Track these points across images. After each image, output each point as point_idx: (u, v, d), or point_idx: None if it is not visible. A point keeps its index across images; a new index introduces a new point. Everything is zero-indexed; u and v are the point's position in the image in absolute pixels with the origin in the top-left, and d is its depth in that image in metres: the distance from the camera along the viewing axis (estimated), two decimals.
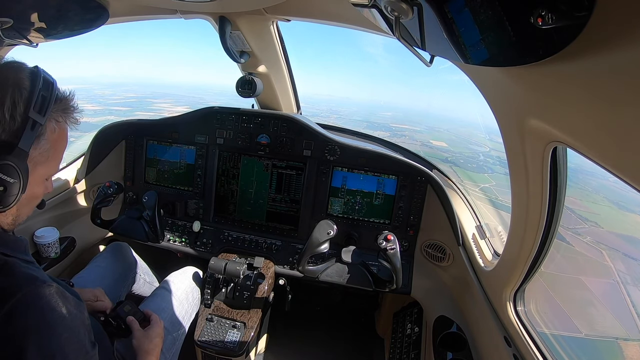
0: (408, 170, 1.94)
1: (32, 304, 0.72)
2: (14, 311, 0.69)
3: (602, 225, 2.06)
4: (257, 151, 2.11)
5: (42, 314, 0.73)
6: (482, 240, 1.72)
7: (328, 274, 1.77)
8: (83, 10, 1.43)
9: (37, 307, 0.73)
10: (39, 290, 0.75)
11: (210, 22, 1.55)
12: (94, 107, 19.83)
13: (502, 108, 1.05)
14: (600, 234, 2.02)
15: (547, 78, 0.75)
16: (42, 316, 0.73)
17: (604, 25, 0.52)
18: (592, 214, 2.00)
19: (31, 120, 0.76)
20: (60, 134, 0.87)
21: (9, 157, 0.75)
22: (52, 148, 0.86)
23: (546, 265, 1.19)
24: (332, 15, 1.40)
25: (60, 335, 0.75)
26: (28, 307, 0.72)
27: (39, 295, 0.74)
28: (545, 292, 1.56)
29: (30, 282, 0.75)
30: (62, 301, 0.78)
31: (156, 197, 1.87)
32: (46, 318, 0.73)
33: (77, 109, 0.89)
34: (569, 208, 1.07)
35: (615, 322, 1.56)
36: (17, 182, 0.78)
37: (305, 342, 2.49)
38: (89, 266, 1.78)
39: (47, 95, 0.79)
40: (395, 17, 0.67)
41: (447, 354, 1.56)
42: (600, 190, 1.88)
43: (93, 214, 1.77)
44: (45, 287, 0.76)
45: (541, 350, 1.17)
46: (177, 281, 1.82)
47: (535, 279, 1.25)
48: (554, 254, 1.17)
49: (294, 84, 2.18)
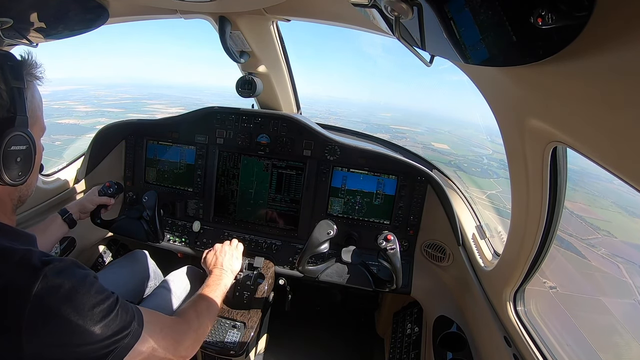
0: (408, 170, 1.94)
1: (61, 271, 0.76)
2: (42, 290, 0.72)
3: (616, 234, 1.99)
4: (257, 151, 2.11)
5: (68, 278, 0.77)
6: (482, 240, 1.72)
7: (328, 274, 1.77)
8: (83, 10, 1.42)
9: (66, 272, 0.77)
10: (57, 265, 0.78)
11: (210, 22, 1.55)
12: (87, 108, 19.55)
13: (502, 108, 1.05)
14: (615, 245, 1.94)
15: (547, 78, 0.75)
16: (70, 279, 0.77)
17: (604, 25, 0.52)
18: (603, 222, 1.95)
19: (15, 90, 0.82)
20: (35, 92, 0.93)
21: (13, 128, 0.81)
22: (36, 108, 0.92)
23: (565, 284, 1.15)
24: (332, 15, 1.40)
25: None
26: (60, 273, 0.75)
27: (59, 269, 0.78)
28: (567, 320, 1.53)
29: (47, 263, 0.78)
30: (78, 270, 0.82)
31: (156, 197, 1.87)
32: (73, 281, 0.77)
33: (38, 66, 0.93)
34: (580, 216, 1.05)
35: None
36: (28, 147, 0.85)
37: (305, 342, 2.49)
38: (105, 270, 1.81)
39: (14, 63, 0.84)
40: (395, 17, 0.67)
41: (447, 353, 1.56)
42: (607, 195, 1.82)
43: (93, 214, 1.77)
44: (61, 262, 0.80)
45: (541, 350, 1.17)
46: (177, 280, 1.82)
47: (559, 302, 1.20)
48: (572, 272, 1.13)
49: (294, 83, 2.18)
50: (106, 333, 0.79)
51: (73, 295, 0.75)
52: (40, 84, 0.95)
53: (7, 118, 0.80)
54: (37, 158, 0.90)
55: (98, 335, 0.77)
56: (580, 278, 1.67)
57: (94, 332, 0.77)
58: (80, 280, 0.78)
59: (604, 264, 1.81)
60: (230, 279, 1.59)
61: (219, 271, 1.57)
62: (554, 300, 1.59)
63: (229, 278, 1.58)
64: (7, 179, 0.81)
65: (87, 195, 1.75)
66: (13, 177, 0.83)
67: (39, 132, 0.95)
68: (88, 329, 0.76)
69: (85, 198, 1.73)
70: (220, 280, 1.51)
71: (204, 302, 1.33)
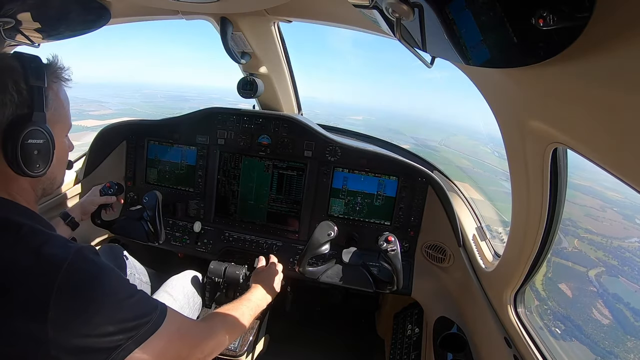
0: (409, 171, 1.94)
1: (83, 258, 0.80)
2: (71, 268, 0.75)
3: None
4: (258, 152, 2.11)
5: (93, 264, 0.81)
6: (483, 241, 1.72)
7: (328, 275, 1.77)
8: (85, 10, 1.43)
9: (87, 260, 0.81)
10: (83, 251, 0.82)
11: (212, 22, 1.55)
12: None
13: (503, 109, 1.05)
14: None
15: (548, 79, 0.75)
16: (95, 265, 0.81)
17: (604, 26, 0.53)
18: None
19: (35, 88, 0.87)
20: (60, 93, 0.98)
21: (30, 123, 0.86)
22: (59, 106, 0.97)
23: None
24: (333, 16, 1.41)
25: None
26: (87, 255, 0.80)
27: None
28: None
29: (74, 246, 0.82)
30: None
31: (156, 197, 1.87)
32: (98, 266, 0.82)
33: (64, 68, 0.99)
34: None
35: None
36: (46, 141, 0.89)
37: (305, 343, 2.49)
38: None
39: (37, 65, 0.90)
40: (396, 19, 0.68)
41: (448, 354, 1.56)
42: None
43: (94, 214, 1.77)
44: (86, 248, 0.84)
45: (541, 351, 1.17)
46: (179, 285, 1.81)
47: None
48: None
49: (295, 84, 2.19)
50: (129, 315, 0.81)
51: (100, 275, 0.79)
52: (68, 86, 1.01)
53: (26, 114, 0.86)
54: (57, 153, 0.94)
55: (122, 315, 0.80)
56: None
57: (119, 311, 0.80)
58: (104, 263, 0.83)
59: None
60: (270, 299, 1.54)
61: (268, 294, 1.53)
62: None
63: (269, 299, 1.54)
64: (26, 169, 0.85)
65: (87, 196, 1.75)
66: (31, 169, 0.87)
67: (63, 129, 1.01)
68: (114, 306, 0.79)
69: (86, 199, 1.74)
70: (265, 301, 1.49)
71: (236, 314, 1.27)
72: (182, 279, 1.87)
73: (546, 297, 2.01)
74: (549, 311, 1.93)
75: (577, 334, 1.77)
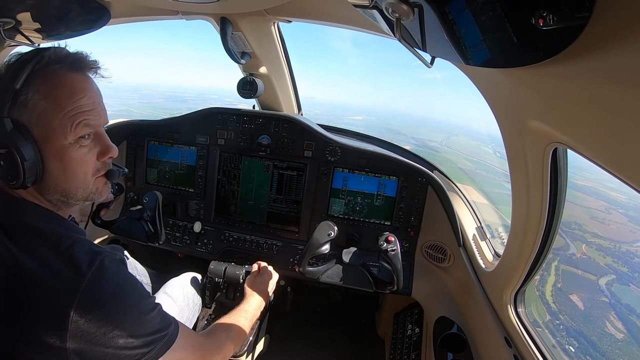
0: (409, 171, 1.94)
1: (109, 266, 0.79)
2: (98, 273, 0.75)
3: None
4: (258, 152, 2.11)
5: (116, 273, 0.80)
6: (483, 241, 1.72)
7: (329, 275, 1.77)
8: (85, 11, 1.43)
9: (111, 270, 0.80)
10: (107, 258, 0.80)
11: (212, 22, 1.55)
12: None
13: (503, 109, 1.05)
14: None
15: (548, 79, 0.75)
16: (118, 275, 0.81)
17: (604, 26, 0.53)
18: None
19: (11, 89, 0.75)
20: (49, 92, 0.80)
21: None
22: (47, 109, 0.80)
23: None
24: (333, 16, 1.41)
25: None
26: (112, 263, 0.79)
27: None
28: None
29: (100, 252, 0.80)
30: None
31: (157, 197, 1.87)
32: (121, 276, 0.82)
33: (87, 56, 0.86)
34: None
35: None
36: (8, 151, 0.75)
37: (305, 343, 2.49)
38: None
39: (18, 63, 0.78)
40: (396, 19, 0.68)
41: (448, 354, 1.56)
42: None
43: (93, 214, 1.76)
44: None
45: (541, 350, 1.17)
46: (178, 286, 1.80)
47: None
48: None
49: (295, 84, 2.19)
50: (149, 329, 0.81)
51: (124, 287, 0.79)
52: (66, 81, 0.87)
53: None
54: (57, 162, 0.83)
55: (143, 329, 0.79)
56: None
57: (140, 324, 0.79)
58: (128, 275, 0.82)
59: None
60: (264, 303, 1.59)
61: (263, 300, 1.58)
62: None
63: (264, 303, 1.59)
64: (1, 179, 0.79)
65: None
66: (5, 180, 0.78)
67: (63, 135, 0.85)
68: (136, 320, 0.78)
69: None
70: (260, 309, 1.53)
71: (238, 326, 1.32)
72: (181, 280, 1.86)
73: (557, 310, 1.99)
74: (562, 326, 1.90)
75: (591, 352, 1.74)
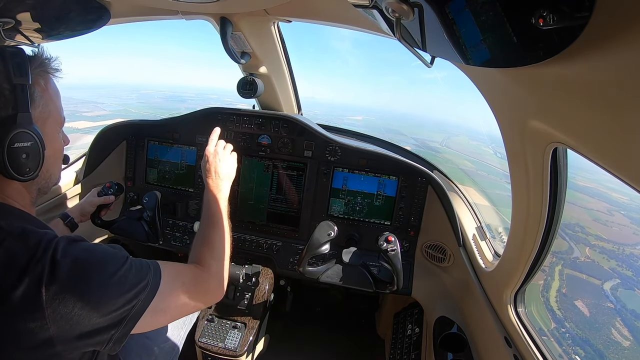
0: (409, 171, 1.94)
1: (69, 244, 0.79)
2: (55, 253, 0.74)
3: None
4: (258, 152, 2.11)
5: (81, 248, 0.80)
6: (483, 241, 1.72)
7: (328, 275, 1.77)
8: (84, 10, 1.43)
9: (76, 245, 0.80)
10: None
11: (212, 22, 1.55)
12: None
13: (503, 109, 1.05)
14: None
15: (548, 79, 0.75)
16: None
17: (604, 25, 0.53)
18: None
19: (18, 86, 0.82)
20: (48, 86, 0.92)
21: (15, 126, 0.81)
22: (48, 101, 0.92)
23: None
24: (333, 16, 1.41)
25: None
26: (73, 240, 0.79)
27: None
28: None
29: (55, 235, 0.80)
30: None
31: (156, 197, 1.87)
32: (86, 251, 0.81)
33: (51, 59, 0.93)
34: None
35: None
36: (34, 142, 0.85)
37: (305, 343, 2.49)
38: None
39: (20, 60, 0.84)
40: (396, 18, 0.68)
41: (448, 354, 1.56)
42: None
43: (93, 214, 1.77)
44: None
45: (541, 350, 1.17)
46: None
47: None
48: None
49: (295, 84, 2.19)
50: (125, 285, 0.80)
51: (87, 257, 0.78)
52: (58, 77, 0.96)
53: (10, 115, 0.82)
54: (50, 150, 0.91)
55: (119, 288, 0.79)
56: None
57: (116, 285, 0.79)
58: (87, 244, 0.82)
59: None
60: (228, 187, 1.41)
61: (215, 181, 1.37)
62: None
63: (226, 186, 1.41)
64: (15, 174, 0.83)
65: (87, 198, 1.75)
66: (21, 173, 0.84)
67: (55, 124, 0.96)
68: (109, 282, 0.78)
69: (85, 200, 1.73)
70: (219, 193, 1.35)
71: (215, 234, 1.21)
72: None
73: (562, 317, 1.97)
74: (567, 334, 1.88)
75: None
